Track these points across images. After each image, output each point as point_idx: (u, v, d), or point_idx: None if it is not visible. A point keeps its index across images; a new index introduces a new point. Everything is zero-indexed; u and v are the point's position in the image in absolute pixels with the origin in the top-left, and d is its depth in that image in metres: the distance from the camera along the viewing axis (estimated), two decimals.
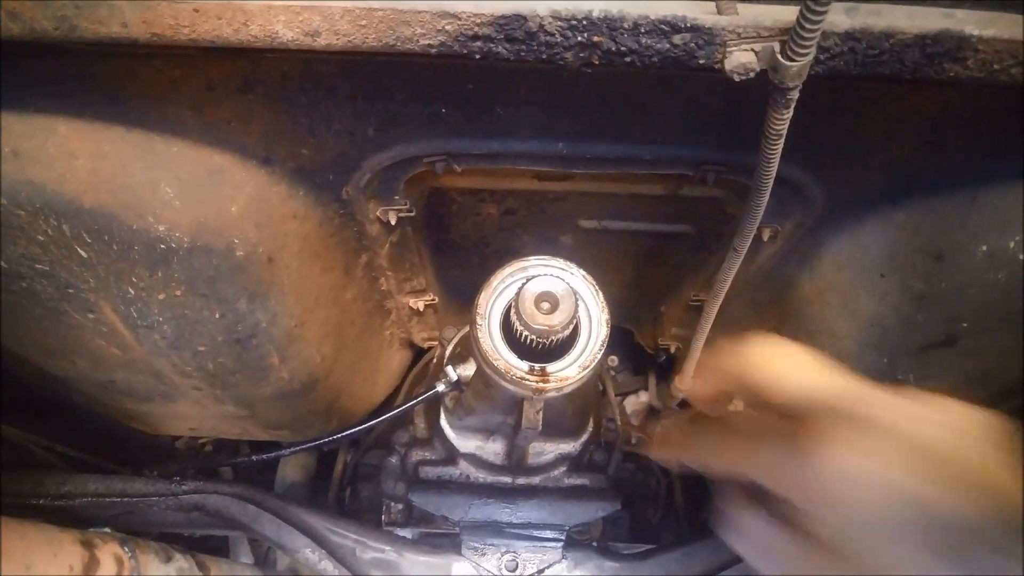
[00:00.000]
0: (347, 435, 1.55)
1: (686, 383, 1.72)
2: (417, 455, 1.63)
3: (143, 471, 1.49)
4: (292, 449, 1.56)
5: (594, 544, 1.66)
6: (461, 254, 1.70)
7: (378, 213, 1.29)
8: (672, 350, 1.90)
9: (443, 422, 1.56)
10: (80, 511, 1.37)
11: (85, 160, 0.94)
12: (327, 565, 1.43)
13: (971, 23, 0.79)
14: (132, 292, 1.08)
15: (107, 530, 1.20)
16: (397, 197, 1.25)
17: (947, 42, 0.79)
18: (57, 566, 1.02)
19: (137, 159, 0.97)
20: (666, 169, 1.16)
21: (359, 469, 2.02)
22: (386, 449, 1.72)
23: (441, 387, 1.45)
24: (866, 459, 0.60)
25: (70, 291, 1.10)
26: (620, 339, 2.17)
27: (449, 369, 1.44)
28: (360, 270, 1.45)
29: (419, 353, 2.02)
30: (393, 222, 1.31)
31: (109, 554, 1.12)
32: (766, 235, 1.25)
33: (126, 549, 1.16)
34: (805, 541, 0.64)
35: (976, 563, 0.55)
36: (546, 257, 1.12)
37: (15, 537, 1.00)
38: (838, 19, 0.78)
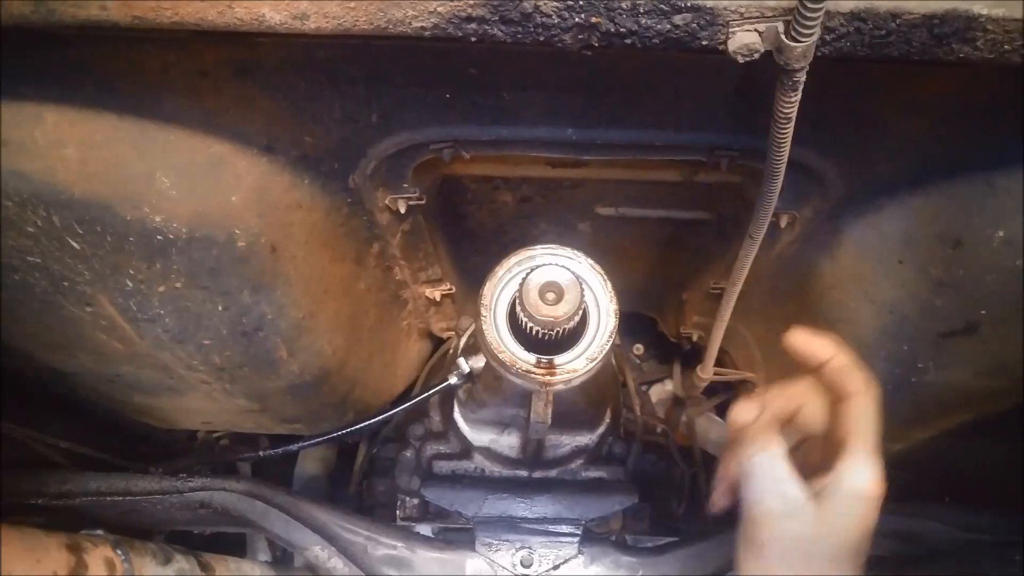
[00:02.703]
0: (356, 429, 1.53)
1: (708, 372, 1.69)
2: (432, 449, 1.61)
3: (148, 468, 1.48)
4: (301, 444, 1.55)
5: (612, 538, 1.63)
6: (479, 242, 1.68)
7: (387, 201, 1.27)
8: (694, 338, 1.87)
9: (457, 415, 1.55)
10: (82, 510, 1.36)
11: (75, 149, 0.92)
12: (337, 563, 1.41)
13: (980, 2, 0.75)
14: (130, 285, 1.07)
15: (99, 532, 1.17)
16: (406, 185, 1.23)
17: (955, 22, 0.76)
18: (40, 572, 1.01)
19: (130, 148, 0.96)
20: (678, 155, 1.14)
21: (375, 463, 2.01)
22: (402, 442, 1.71)
23: (454, 379, 1.42)
24: None
25: (65, 284, 1.09)
26: (646, 327, 2.14)
27: (461, 361, 1.41)
28: (372, 260, 1.44)
29: (439, 343, 2.00)
30: (403, 211, 1.29)
31: (99, 558, 1.10)
32: (784, 222, 1.22)
33: (119, 552, 1.14)
34: None
35: None
36: (553, 245, 1.09)
37: None
38: (843, 0, 0.75)
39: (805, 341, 0.98)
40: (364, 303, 1.49)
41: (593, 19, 0.77)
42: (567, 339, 1.06)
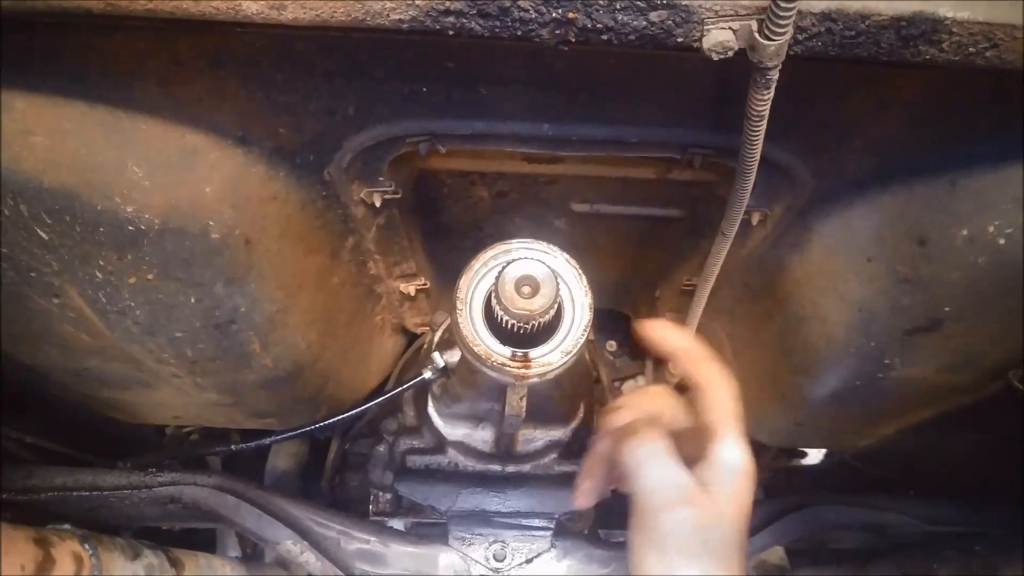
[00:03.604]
0: (329, 424, 1.52)
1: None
2: (405, 443, 1.61)
3: (117, 463, 1.45)
4: (273, 438, 1.54)
5: (585, 532, 1.64)
6: (454, 238, 1.67)
7: (362, 195, 1.26)
8: None
9: (431, 410, 1.54)
10: (47, 506, 1.33)
11: (44, 137, 0.91)
12: (309, 557, 1.40)
13: (946, 5, 0.77)
14: (100, 276, 1.06)
15: (67, 527, 1.15)
16: (382, 179, 1.23)
17: (922, 24, 0.78)
18: (7, 566, 0.98)
19: (101, 137, 0.94)
20: (653, 152, 1.14)
21: (348, 458, 2.00)
22: (375, 437, 1.70)
23: (428, 374, 1.42)
24: None
25: (32, 275, 1.07)
26: (620, 324, 2.15)
27: (436, 355, 1.41)
28: (347, 254, 1.43)
29: (412, 339, 2.00)
30: (378, 204, 1.28)
31: (67, 552, 1.08)
32: (755, 219, 1.24)
33: (87, 546, 1.12)
34: None
35: None
36: (529, 240, 1.09)
37: None
38: (815, 1, 0.77)
39: (655, 329, 1.04)
40: (338, 297, 1.48)
41: (570, 14, 0.78)
42: (542, 333, 1.06)
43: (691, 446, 0.95)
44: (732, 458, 0.91)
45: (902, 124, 1.04)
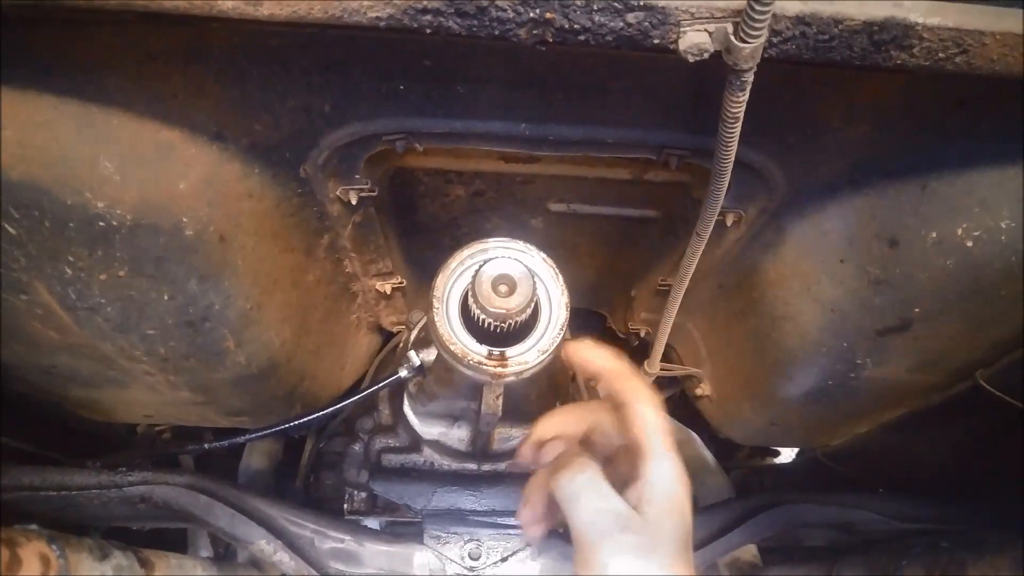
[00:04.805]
0: (304, 422, 1.51)
1: (655, 367, 1.71)
2: (380, 442, 1.60)
3: (86, 462, 1.43)
4: (247, 436, 1.52)
5: (560, 531, 1.64)
6: (431, 236, 1.67)
7: (338, 192, 1.26)
8: (642, 334, 1.89)
9: (407, 408, 1.54)
10: (14, 505, 1.31)
11: (13, 131, 0.89)
12: (283, 556, 1.39)
13: (917, 11, 0.79)
14: (69, 272, 1.04)
15: (34, 527, 1.13)
16: (358, 176, 1.23)
17: (893, 29, 0.79)
18: None
19: (73, 131, 0.93)
20: (629, 152, 1.15)
21: (323, 457, 1.99)
22: (350, 436, 1.69)
23: (404, 372, 1.41)
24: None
25: None
26: (595, 323, 2.16)
27: (412, 354, 1.40)
28: (322, 251, 1.42)
29: (389, 337, 1.99)
30: (354, 202, 1.28)
31: (34, 553, 1.06)
32: (730, 220, 1.25)
33: (54, 547, 1.10)
34: None
35: None
36: (506, 239, 1.09)
37: None
38: (789, 4, 0.78)
39: (576, 352, 1.03)
40: (313, 295, 1.47)
41: (547, 15, 0.78)
42: (519, 331, 1.06)
43: (626, 461, 0.95)
44: (662, 473, 0.90)
45: (874, 127, 1.06)
